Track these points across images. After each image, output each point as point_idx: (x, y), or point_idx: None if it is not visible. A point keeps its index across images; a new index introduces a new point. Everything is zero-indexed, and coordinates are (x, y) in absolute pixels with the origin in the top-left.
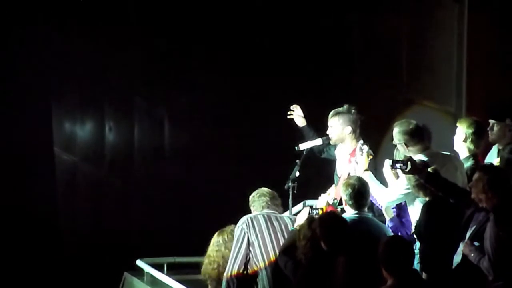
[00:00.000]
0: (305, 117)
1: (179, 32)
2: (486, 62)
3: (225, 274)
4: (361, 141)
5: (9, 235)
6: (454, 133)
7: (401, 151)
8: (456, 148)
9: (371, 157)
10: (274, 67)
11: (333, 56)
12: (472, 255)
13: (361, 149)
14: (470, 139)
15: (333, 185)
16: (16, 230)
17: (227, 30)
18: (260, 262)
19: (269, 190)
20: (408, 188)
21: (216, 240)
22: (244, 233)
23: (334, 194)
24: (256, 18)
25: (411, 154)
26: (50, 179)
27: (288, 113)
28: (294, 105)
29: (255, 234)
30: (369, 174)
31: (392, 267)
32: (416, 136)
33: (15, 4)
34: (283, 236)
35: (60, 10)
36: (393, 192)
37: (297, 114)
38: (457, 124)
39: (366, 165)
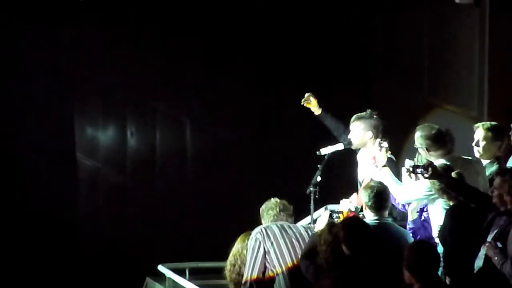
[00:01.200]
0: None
1: (202, 37)
2: (508, 66)
3: (243, 281)
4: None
5: (31, 240)
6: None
7: (423, 156)
8: (477, 152)
9: (389, 152)
10: (296, 72)
11: (354, 60)
12: (496, 258)
13: (380, 145)
14: (492, 143)
15: (355, 193)
16: (38, 234)
17: (251, 36)
18: (277, 268)
19: (278, 201)
20: (430, 191)
21: (240, 244)
22: (260, 243)
23: (356, 201)
24: (276, 23)
25: (432, 159)
26: (72, 184)
27: (302, 101)
28: (307, 94)
29: (270, 242)
30: (387, 170)
31: (418, 271)
32: (438, 141)
33: (41, 7)
34: (298, 242)
35: (82, 15)
36: (413, 192)
37: (311, 101)
38: (480, 128)
39: (384, 161)
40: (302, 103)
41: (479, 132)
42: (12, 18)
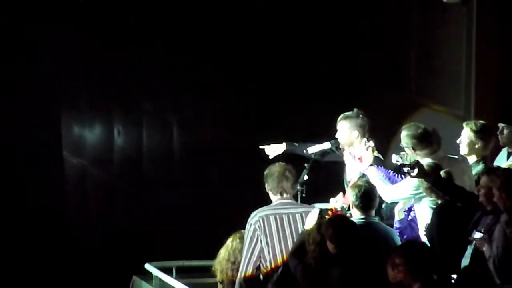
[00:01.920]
0: (281, 140)
1: (189, 36)
2: (495, 65)
3: (238, 276)
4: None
5: (19, 239)
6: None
7: (409, 155)
8: (463, 151)
9: (376, 152)
10: (284, 69)
11: (340, 59)
12: (485, 248)
13: (366, 144)
14: (478, 143)
15: (341, 193)
16: (26, 233)
17: (237, 33)
18: (268, 266)
19: (284, 167)
20: (417, 190)
21: (236, 241)
22: (258, 235)
23: (343, 201)
24: (262, 21)
25: (418, 158)
26: (59, 182)
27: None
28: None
29: (266, 240)
30: (373, 169)
31: (417, 272)
32: (424, 140)
33: (26, 7)
34: (292, 240)
35: (68, 13)
36: (400, 191)
37: (271, 152)
38: (464, 127)
39: (370, 161)
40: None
41: (464, 131)
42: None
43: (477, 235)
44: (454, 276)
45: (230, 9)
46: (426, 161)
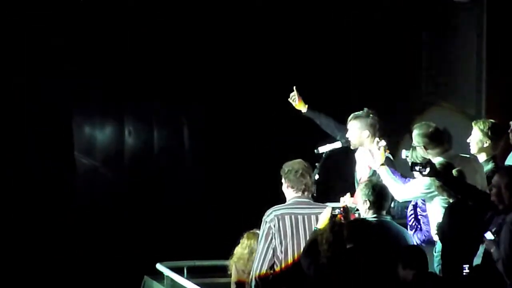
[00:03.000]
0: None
1: (200, 36)
2: (506, 63)
3: (253, 273)
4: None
5: (29, 239)
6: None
7: (421, 154)
8: (472, 150)
9: (387, 151)
10: (290, 71)
11: (351, 58)
12: (492, 250)
13: (378, 144)
14: (487, 141)
15: (348, 193)
16: (37, 233)
17: (246, 34)
18: (279, 266)
19: (304, 165)
20: (428, 189)
21: (251, 240)
22: (273, 234)
23: (352, 200)
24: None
25: (430, 157)
26: (70, 183)
27: (290, 98)
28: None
29: (280, 239)
30: (385, 169)
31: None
32: (435, 139)
33: (35, 6)
34: (306, 241)
35: (78, 15)
36: (411, 190)
37: (296, 98)
38: (473, 126)
39: (382, 160)
40: (289, 100)
41: (473, 130)
42: (12, 16)
43: (489, 235)
44: (466, 266)
45: (238, 10)
46: (437, 160)
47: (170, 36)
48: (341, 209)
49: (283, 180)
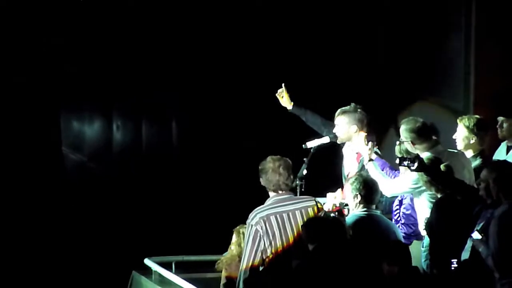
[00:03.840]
0: (291, 97)
1: (190, 31)
2: (494, 57)
3: (241, 275)
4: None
5: (17, 235)
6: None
7: (408, 149)
8: (459, 146)
9: (376, 146)
10: (282, 65)
11: (343, 53)
12: (480, 249)
13: (366, 139)
14: (473, 138)
15: (339, 189)
16: (24, 230)
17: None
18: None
19: (277, 162)
20: (416, 184)
21: (237, 239)
22: (260, 237)
23: (342, 196)
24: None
25: (417, 152)
26: (58, 178)
27: (277, 94)
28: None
29: (269, 241)
30: (373, 164)
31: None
32: (423, 134)
33: (23, 3)
34: (293, 236)
35: (64, 10)
36: (399, 185)
37: (284, 95)
38: (458, 122)
39: (370, 155)
40: (276, 95)
41: (459, 126)
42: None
43: (476, 235)
44: (454, 261)
45: (232, 9)
46: (425, 155)
47: (160, 32)
48: (336, 214)
49: (260, 179)
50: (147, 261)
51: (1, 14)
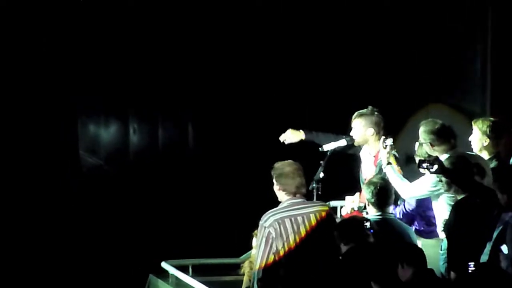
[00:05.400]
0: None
1: (207, 35)
2: (511, 59)
3: (255, 276)
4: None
5: (34, 239)
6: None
7: (427, 151)
8: (474, 149)
9: (394, 150)
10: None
11: (354, 56)
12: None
13: (384, 142)
14: (486, 140)
15: (357, 193)
16: (41, 233)
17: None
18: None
19: (296, 166)
20: (435, 186)
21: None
22: (272, 239)
23: (360, 200)
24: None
25: (436, 154)
26: (75, 181)
27: (281, 139)
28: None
29: (282, 243)
30: (391, 168)
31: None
32: (442, 136)
33: (35, 6)
34: (308, 240)
35: (80, 12)
36: (418, 188)
37: (289, 138)
38: (473, 125)
39: (389, 159)
40: (281, 141)
41: (474, 129)
42: (16, 16)
43: (504, 248)
44: (472, 264)
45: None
46: (444, 157)
47: (174, 35)
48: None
49: (274, 182)
50: (164, 265)
51: (3, 14)
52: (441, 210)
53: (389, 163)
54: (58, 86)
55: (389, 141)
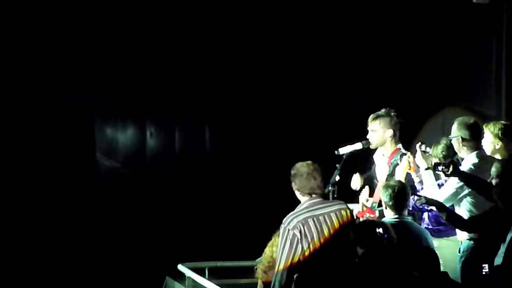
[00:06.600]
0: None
1: (224, 38)
2: None
3: (277, 279)
4: (419, 143)
5: (52, 240)
6: None
7: (455, 147)
8: (487, 152)
9: (427, 154)
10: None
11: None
12: None
13: (420, 148)
14: (499, 143)
15: (366, 187)
16: (58, 234)
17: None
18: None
19: (311, 167)
20: (457, 193)
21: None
22: (297, 241)
23: (373, 200)
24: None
25: (463, 152)
26: (92, 184)
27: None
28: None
29: (308, 244)
30: (429, 173)
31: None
32: (475, 132)
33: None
34: (331, 239)
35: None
36: (444, 194)
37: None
38: (485, 128)
39: (425, 164)
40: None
41: (485, 132)
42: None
43: None
44: (486, 265)
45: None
46: (470, 157)
47: (193, 40)
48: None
49: (292, 183)
50: (180, 267)
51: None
52: (464, 212)
53: (428, 168)
54: (76, 89)
55: (423, 146)
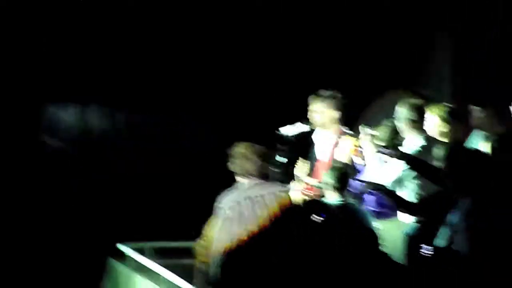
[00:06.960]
0: None
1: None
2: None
3: (214, 257)
4: (364, 126)
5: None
6: None
7: (403, 130)
8: (433, 135)
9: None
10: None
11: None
12: None
13: (365, 131)
14: (449, 126)
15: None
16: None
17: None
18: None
19: (246, 148)
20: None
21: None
22: (230, 219)
23: (313, 179)
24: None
25: (410, 134)
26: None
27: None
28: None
29: (239, 224)
30: (378, 157)
31: None
32: (422, 114)
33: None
34: (268, 218)
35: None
36: (389, 176)
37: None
38: (428, 112)
39: (373, 148)
40: None
41: (429, 115)
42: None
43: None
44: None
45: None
46: (417, 140)
47: (184, 34)
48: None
49: (229, 164)
50: (121, 247)
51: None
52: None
53: (378, 151)
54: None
55: (368, 130)
